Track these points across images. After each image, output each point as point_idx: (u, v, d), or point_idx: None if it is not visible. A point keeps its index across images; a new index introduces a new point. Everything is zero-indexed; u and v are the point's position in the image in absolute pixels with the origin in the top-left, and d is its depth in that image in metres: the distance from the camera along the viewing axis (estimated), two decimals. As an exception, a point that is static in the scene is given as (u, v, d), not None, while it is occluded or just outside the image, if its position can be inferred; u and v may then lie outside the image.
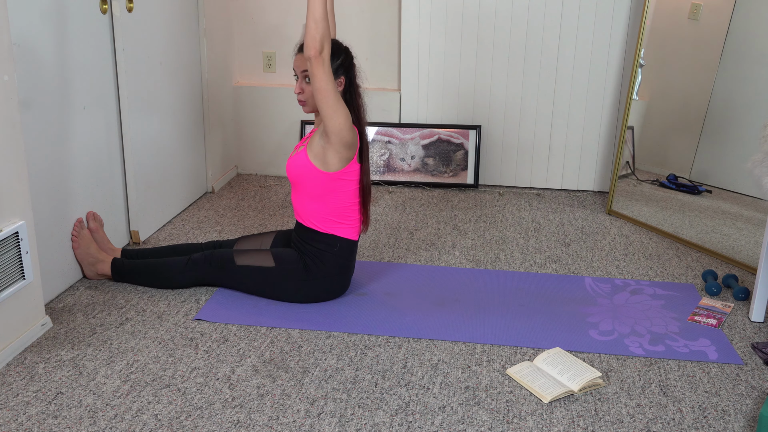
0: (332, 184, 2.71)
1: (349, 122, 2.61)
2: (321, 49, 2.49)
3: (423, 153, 4.26)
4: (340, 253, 2.78)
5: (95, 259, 2.91)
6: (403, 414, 2.14)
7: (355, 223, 2.80)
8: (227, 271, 2.83)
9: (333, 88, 2.56)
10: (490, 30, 4.11)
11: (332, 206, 2.73)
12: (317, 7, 2.46)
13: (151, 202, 3.46)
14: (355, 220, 2.80)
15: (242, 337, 2.56)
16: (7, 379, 2.28)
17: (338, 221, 2.76)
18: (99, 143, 3.07)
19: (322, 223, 2.75)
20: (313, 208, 2.75)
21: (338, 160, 2.66)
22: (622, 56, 4.04)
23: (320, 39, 2.48)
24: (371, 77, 4.38)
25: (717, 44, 3.68)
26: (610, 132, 4.18)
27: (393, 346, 2.52)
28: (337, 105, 2.57)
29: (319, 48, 2.48)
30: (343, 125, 2.60)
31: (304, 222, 2.79)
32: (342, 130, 2.60)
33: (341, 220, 2.76)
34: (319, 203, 2.73)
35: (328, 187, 2.71)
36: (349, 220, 2.78)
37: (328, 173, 2.69)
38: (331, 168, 2.68)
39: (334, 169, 2.68)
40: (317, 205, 2.74)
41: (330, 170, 2.68)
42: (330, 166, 2.68)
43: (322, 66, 2.52)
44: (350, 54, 2.74)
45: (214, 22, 4.03)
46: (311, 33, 2.48)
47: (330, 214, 2.74)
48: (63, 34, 2.78)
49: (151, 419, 2.10)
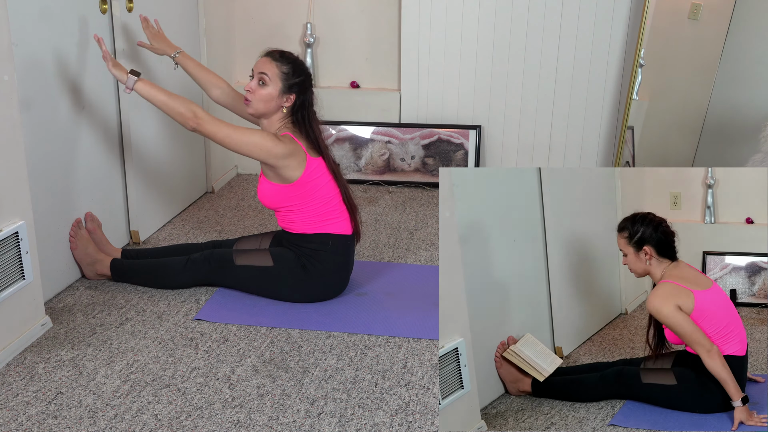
0: (305, 189, 2.71)
1: (265, 140, 2.62)
2: (193, 116, 2.60)
3: (423, 153, 4.26)
4: (335, 250, 2.78)
5: (93, 259, 2.91)
6: (403, 414, 2.14)
7: (343, 215, 2.80)
8: (227, 270, 2.83)
9: (231, 131, 2.62)
10: (490, 30, 4.11)
11: (315, 209, 2.75)
12: (159, 100, 2.62)
13: (151, 202, 3.46)
14: (343, 212, 2.80)
15: (242, 337, 2.56)
16: (7, 379, 2.28)
17: (326, 219, 2.76)
18: (99, 143, 3.07)
19: (311, 227, 2.76)
20: (299, 219, 2.76)
21: (291, 168, 2.67)
22: (622, 56, 4.04)
23: (185, 113, 2.60)
24: (371, 77, 4.38)
25: (717, 44, 3.68)
26: (610, 132, 4.18)
27: (393, 346, 2.52)
28: (245, 139, 2.63)
29: (192, 119, 2.60)
30: (263, 147, 2.62)
31: (293, 231, 2.79)
32: (268, 151, 2.62)
33: (328, 218, 2.76)
34: (303, 213, 2.75)
35: (304, 194, 2.72)
36: (336, 214, 2.78)
37: (295, 183, 2.70)
38: (294, 177, 2.69)
39: (297, 176, 2.69)
40: (302, 215, 2.75)
41: (294, 179, 2.69)
42: (290, 177, 2.69)
43: (206, 124, 2.62)
44: (310, 80, 2.78)
45: (214, 22, 4.03)
46: (176, 117, 2.63)
47: (316, 216, 2.75)
48: (63, 34, 2.77)
49: (151, 419, 2.10)
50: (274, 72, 2.69)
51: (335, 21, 4.32)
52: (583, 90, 4.13)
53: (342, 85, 4.43)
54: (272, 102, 2.70)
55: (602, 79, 4.10)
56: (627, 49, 4.02)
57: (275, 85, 2.68)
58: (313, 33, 4.32)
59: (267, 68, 2.70)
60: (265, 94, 2.69)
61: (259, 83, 2.70)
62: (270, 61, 2.71)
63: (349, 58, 4.38)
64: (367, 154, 4.28)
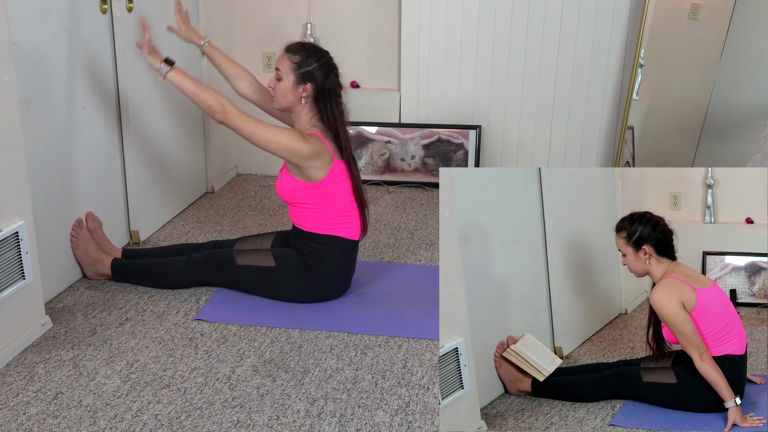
0: (326, 190, 2.71)
1: (291, 139, 2.61)
2: (222, 109, 2.60)
3: (423, 153, 4.26)
4: (341, 254, 2.78)
5: (94, 259, 2.92)
6: (403, 414, 2.14)
7: (355, 222, 2.80)
8: (227, 270, 2.83)
9: (258, 127, 2.61)
10: (490, 30, 4.11)
11: (332, 211, 2.74)
12: (189, 90, 2.65)
13: (151, 202, 3.46)
14: (356, 219, 2.80)
15: (242, 337, 2.56)
16: (7, 379, 2.28)
17: (339, 223, 2.76)
18: (99, 143, 3.07)
19: (323, 228, 2.75)
20: (315, 217, 2.75)
21: (316, 169, 2.66)
22: (622, 56, 4.04)
23: (214, 105, 2.60)
24: (371, 77, 4.38)
25: (717, 44, 3.68)
26: (610, 132, 4.18)
27: (393, 346, 2.52)
28: (270, 136, 2.60)
29: (219, 112, 2.60)
30: (288, 146, 2.60)
31: (304, 228, 2.78)
32: (293, 151, 2.61)
33: (342, 221, 2.76)
34: (319, 212, 2.74)
35: (324, 195, 2.71)
36: (350, 219, 2.78)
37: (317, 183, 2.69)
38: (318, 177, 2.68)
39: (321, 177, 2.68)
40: (318, 214, 2.74)
41: (318, 179, 2.68)
42: (314, 177, 2.68)
43: (233, 118, 2.61)
44: (326, 67, 2.71)
45: (214, 22, 4.03)
46: (204, 108, 2.64)
47: (330, 217, 2.74)
48: (63, 34, 2.78)
49: (151, 419, 2.10)
50: (286, 65, 2.69)
51: (335, 21, 4.32)
52: (583, 90, 4.13)
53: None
54: (289, 95, 2.70)
55: (602, 79, 4.09)
56: (627, 49, 4.02)
57: (288, 77, 2.69)
58: (313, 33, 4.31)
59: (280, 62, 2.71)
60: (282, 87, 2.70)
61: (276, 79, 2.71)
62: (284, 55, 2.72)
63: (349, 58, 4.38)
64: (367, 154, 4.28)
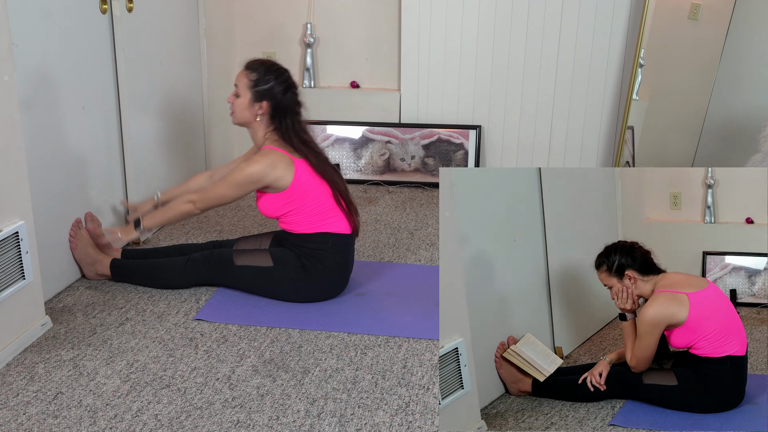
0: (300, 191, 2.74)
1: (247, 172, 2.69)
2: (194, 206, 2.82)
3: (423, 153, 4.26)
4: (335, 249, 2.78)
5: (93, 259, 2.92)
6: (403, 414, 2.14)
7: (341, 214, 2.81)
8: (226, 271, 2.83)
9: (223, 190, 2.76)
10: (490, 30, 4.11)
11: (313, 209, 2.77)
12: (166, 220, 2.91)
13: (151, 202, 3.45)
14: (340, 211, 2.81)
15: (242, 337, 2.56)
16: (7, 379, 2.28)
17: (324, 218, 2.78)
18: (98, 143, 3.07)
19: (310, 227, 2.78)
20: (299, 219, 2.79)
21: (280, 177, 2.71)
22: (622, 56, 4.04)
23: (187, 210, 2.83)
24: (371, 77, 4.38)
25: (717, 44, 3.68)
26: (610, 132, 4.18)
27: (393, 346, 2.52)
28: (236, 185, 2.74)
29: (194, 209, 2.83)
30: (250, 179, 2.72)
31: (294, 231, 2.81)
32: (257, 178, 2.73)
33: (327, 217, 2.78)
34: (302, 213, 2.77)
35: (300, 196, 2.75)
36: (333, 213, 2.79)
37: (289, 188, 2.73)
38: (286, 183, 2.72)
39: (289, 181, 2.72)
40: (302, 216, 2.78)
41: (288, 186, 2.73)
42: (283, 185, 2.73)
43: (205, 202, 2.81)
44: (284, 85, 2.75)
45: (214, 22, 4.03)
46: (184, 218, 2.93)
47: (314, 215, 2.77)
48: (63, 34, 2.77)
49: (151, 419, 2.10)
50: (243, 82, 2.75)
51: (335, 21, 4.32)
52: (583, 90, 4.13)
53: (342, 85, 4.43)
54: (246, 111, 2.75)
55: (602, 79, 4.10)
56: (627, 49, 4.02)
57: (245, 94, 2.74)
58: (313, 33, 4.32)
59: (239, 79, 2.76)
60: (239, 104, 2.76)
61: (235, 95, 2.76)
62: (242, 72, 2.77)
63: (349, 58, 4.39)
64: (367, 154, 4.28)
